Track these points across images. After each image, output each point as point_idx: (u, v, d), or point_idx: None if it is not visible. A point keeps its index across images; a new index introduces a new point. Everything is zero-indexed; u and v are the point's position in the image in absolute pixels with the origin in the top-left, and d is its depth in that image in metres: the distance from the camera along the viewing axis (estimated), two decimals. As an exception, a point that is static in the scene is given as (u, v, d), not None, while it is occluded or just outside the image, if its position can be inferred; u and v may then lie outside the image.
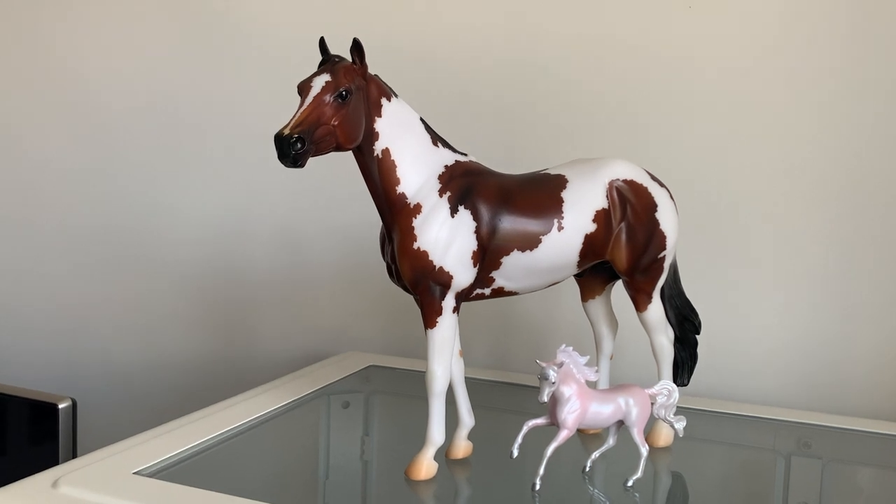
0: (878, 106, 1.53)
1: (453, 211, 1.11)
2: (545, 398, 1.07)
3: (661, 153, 1.63)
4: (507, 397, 1.58)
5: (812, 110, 1.57)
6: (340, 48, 1.11)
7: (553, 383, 1.07)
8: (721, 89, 1.62)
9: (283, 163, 1.01)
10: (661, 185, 1.25)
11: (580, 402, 1.09)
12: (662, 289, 1.28)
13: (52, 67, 2.18)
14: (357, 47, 1.07)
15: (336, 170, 1.46)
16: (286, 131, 1.00)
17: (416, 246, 1.10)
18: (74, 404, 1.63)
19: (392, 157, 1.11)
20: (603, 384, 1.34)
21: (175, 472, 1.15)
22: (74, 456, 1.63)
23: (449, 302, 1.13)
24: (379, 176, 1.11)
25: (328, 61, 1.09)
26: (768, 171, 1.61)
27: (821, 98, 1.57)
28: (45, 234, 2.23)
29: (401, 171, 1.11)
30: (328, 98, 1.03)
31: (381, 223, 1.17)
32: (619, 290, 1.31)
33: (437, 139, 1.16)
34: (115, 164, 2.14)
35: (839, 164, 1.57)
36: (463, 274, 1.12)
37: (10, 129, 2.26)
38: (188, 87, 2.04)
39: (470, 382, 1.25)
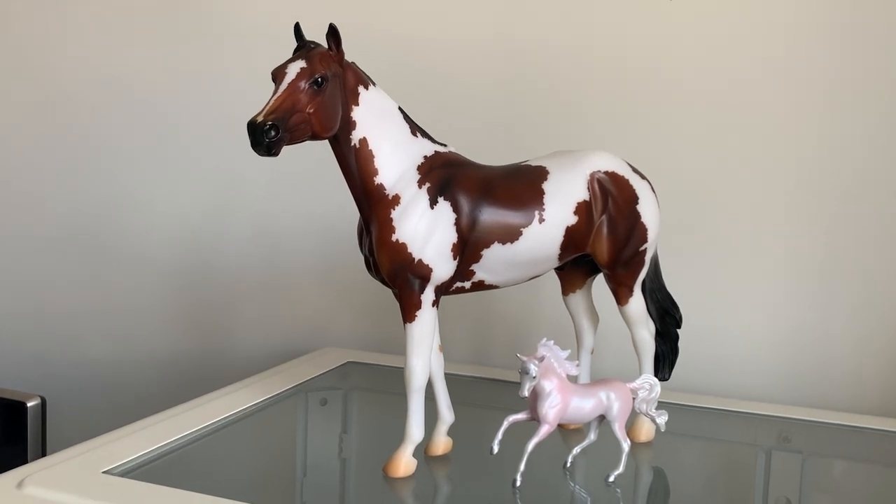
0: (861, 102, 1.54)
1: (433, 202, 1.09)
2: (526, 393, 1.05)
3: (644, 147, 1.62)
4: (487, 393, 1.56)
5: (796, 106, 1.57)
6: (319, 37, 1.09)
7: (534, 378, 1.05)
8: (705, 86, 1.62)
9: (256, 151, 0.98)
10: (643, 177, 1.24)
11: (561, 397, 1.08)
12: (643, 282, 1.27)
13: (24, 63, 2.14)
14: (333, 33, 1.04)
15: (314, 163, 1.44)
16: (259, 118, 0.98)
17: (394, 238, 1.08)
18: (44, 402, 1.59)
19: (370, 147, 1.08)
20: (584, 378, 1.33)
21: (146, 471, 1.12)
22: (44, 454, 1.59)
23: (428, 295, 1.11)
24: (356, 166, 1.09)
25: (303, 47, 1.06)
26: (750, 166, 1.61)
27: (804, 94, 1.57)
28: (16, 230, 2.19)
29: (379, 162, 1.09)
30: (303, 85, 1.01)
31: (359, 216, 1.15)
32: (600, 283, 1.30)
33: (416, 129, 1.14)
34: (88, 160, 2.10)
35: (822, 161, 1.57)
36: (442, 266, 1.10)
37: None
38: (163, 81, 2.01)
39: (449, 378, 1.24)
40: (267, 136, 0.97)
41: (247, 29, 1.92)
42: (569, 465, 1.16)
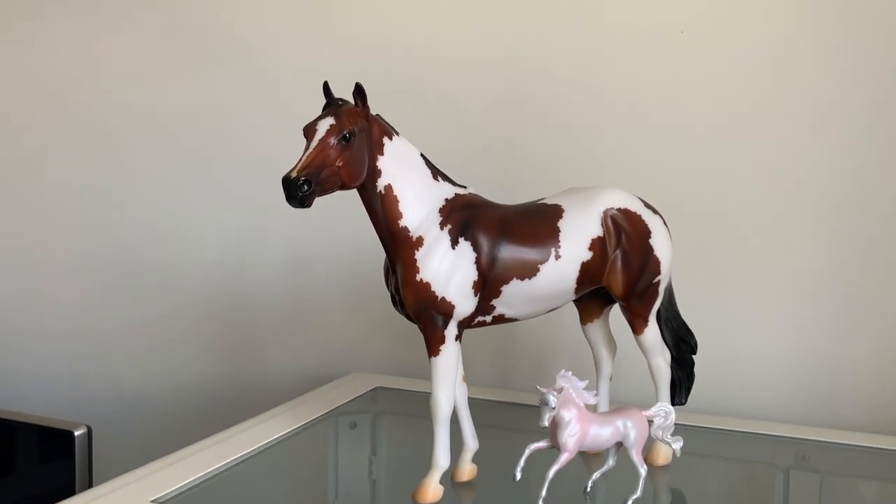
0: (872, 119, 1.56)
1: (454, 243, 1.15)
2: (546, 423, 1.10)
3: (656, 176, 1.67)
4: (510, 416, 1.61)
5: (806, 126, 1.61)
6: (343, 82, 1.15)
7: (553, 408, 1.10)
8: (713, 114, 1.66)
9: (290, 204, 1.06)
10: (655, 212, 1.29)
11: (580, 426, 1.12)
12: (658, 312, 1.31)
13: (64, 97, 2.23)
14: (359, 91, 1.11)
15: (343, 196, 1.51)
16: (293, 174, 1.05)
17: (418, 278, 1.14)
18: (90, 431, 1.67)
19: (394, 193, 1.15)
20: (604, 404, 1.37)
21: (190, 497, 1.19)
22: (90, 481, 1.67)
23: (451, 330, 1.17)
24: (382, 211, 1.16)
25: (332, 104, 1.13)
26: (762, 189, 1.64)
27: (815, 113, 1.60)
28: (57, 262, 2.27)
29: (403, 206, 1.15)
30: (333, 141, 1.08)
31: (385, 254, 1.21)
32: (617, 312, 1.34)
33: (437, 173, 1.21)
34: (125, 192, 2.18)
35: (834, 179, 1.60)
36: (464, 303, 1.16)
37: (20, 158, 2.31)
38: (198, 114, 2.08)
39: (473, 402, 1.29)
40: (300, 190, 1.04)
41: (276, 65, 1.99)
42: (589, 489, 1.20)
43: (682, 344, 1.37)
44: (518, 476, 1.11)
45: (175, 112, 2.11)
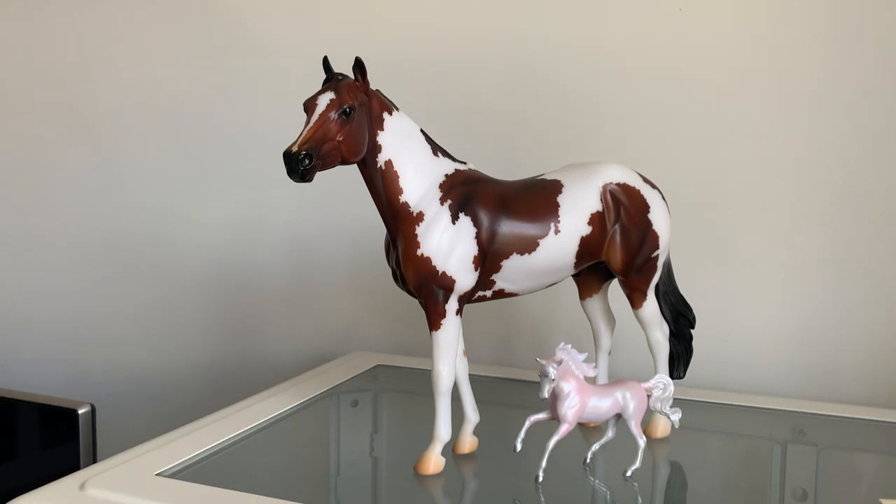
0: (870, 101, 1.57)
1: (454, 218, 1.16)
2: (546, 394, 1.12)
3: (655, 151, 1.68)
4: (510, 392, 1.63)
5: (804, 106, 1.61)
6: (344, 61, 1.16)
7: (553, 380, 1.12)
8: (713, 89, 1.67)
9: (292, 178, 1.06)
10: (654, 186, 1.30)
11: (579, 398, 1.14)
12: (657, 286, 1.32)
13: (63, 80, 2.23)
14: (359, 65, 1.11)
15: (343, 174, 1.52)
16: (294, 148, 1.05)
17: (419, 252, 1.15)
18: (93, 409, 1.69)
19: (395, 168, 1.16)
20: (602, 378, 1.38)
21: (194, 472, 1.20)
22: (94, 459, 1.68)
23: (452, 305, 1.18)
24: (383, 186, 1.16)
25: (332, 79, 1.13)
26: (761, 165, 1.65)
27: (813, 94, 1.61)
28: (59, 245, 2.28)
29: (403, 182, 1.16)
30: (333, 115, 1.08)
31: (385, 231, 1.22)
32: (616, 287, 1.36)
33: (437, 149, 1.21)
34: (125, 174, 2.19)
35: (833, 157, 1.61)
36: (465, 278, 1.17)
37: (21, 142, 2.31)
38: (197, 96, 2.09)
39: (474, 379, 1.30)
40: (301, 164, 1.05)
41: (277, 48, 1.99)
42: (588, 461, 1.22)
43: (680, 318, 1.38)
44: (518, 447, 1.13)
45: (174, 95, 2.11)
